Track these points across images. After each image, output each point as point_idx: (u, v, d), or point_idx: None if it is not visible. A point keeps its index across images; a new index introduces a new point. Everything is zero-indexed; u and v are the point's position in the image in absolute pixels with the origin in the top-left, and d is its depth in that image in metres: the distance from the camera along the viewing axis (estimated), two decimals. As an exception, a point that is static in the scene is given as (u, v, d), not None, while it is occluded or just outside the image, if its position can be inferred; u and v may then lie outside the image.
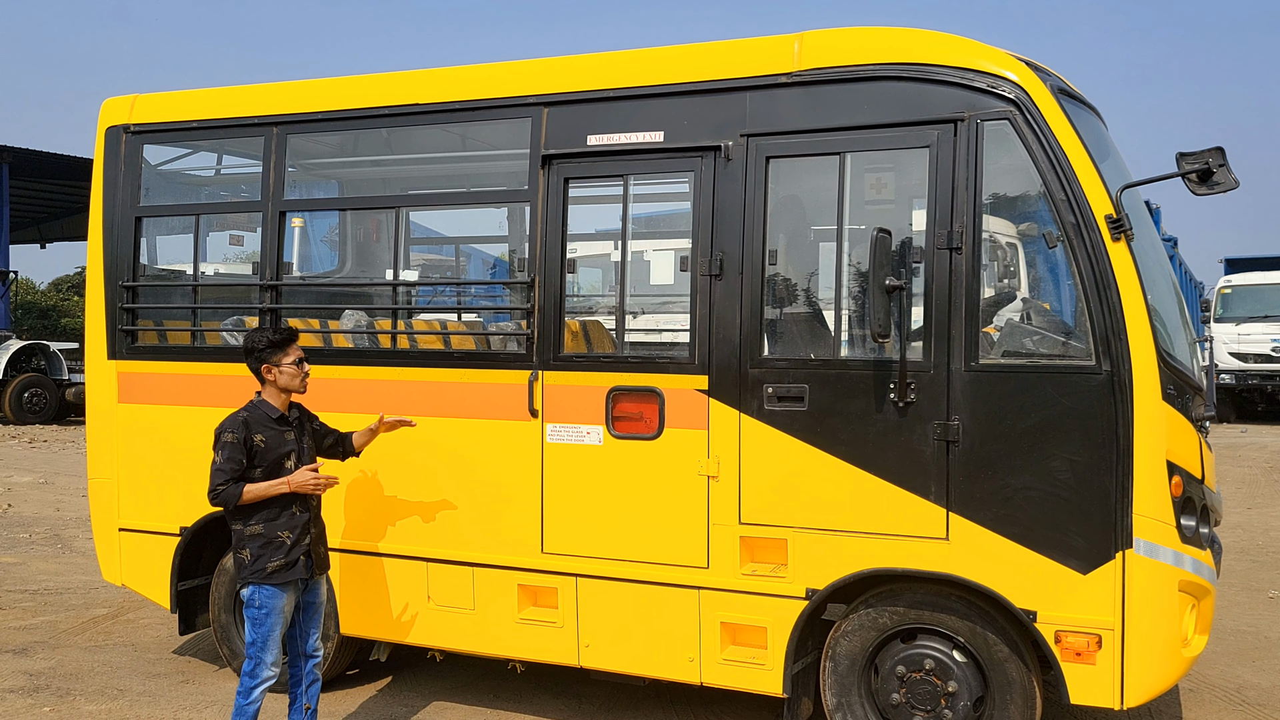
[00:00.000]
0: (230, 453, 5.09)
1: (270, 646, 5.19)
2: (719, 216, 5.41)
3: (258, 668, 5.19)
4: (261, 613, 5.17)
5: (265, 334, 5.27)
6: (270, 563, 5.15)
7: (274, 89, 6.61)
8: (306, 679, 5.48)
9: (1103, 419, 4.73)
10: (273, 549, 5.15)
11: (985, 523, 4.92)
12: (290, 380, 5.28)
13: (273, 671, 5.22)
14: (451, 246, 9.58)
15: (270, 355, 5.23)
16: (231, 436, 5.11)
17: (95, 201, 6.93)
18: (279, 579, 5.16)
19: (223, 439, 5.13)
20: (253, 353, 5.25)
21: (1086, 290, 4.76)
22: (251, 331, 5.35)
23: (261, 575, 5.14)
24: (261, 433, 5.18)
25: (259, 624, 5.18)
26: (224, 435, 5.14)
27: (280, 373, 5.24)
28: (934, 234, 4.99)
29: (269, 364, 5.23)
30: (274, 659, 5.21)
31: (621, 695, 6.53)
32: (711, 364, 5.41)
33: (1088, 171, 4.80)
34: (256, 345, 5.24)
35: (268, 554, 5.15)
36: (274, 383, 5.26)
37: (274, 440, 5.21)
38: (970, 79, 4.98)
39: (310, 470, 5.20)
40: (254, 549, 5.15)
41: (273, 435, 5.21)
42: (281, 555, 5.16)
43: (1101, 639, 4.78)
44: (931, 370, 4.99)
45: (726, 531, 5.41)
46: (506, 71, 6.00)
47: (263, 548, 5.15)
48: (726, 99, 5.44)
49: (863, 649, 5.30)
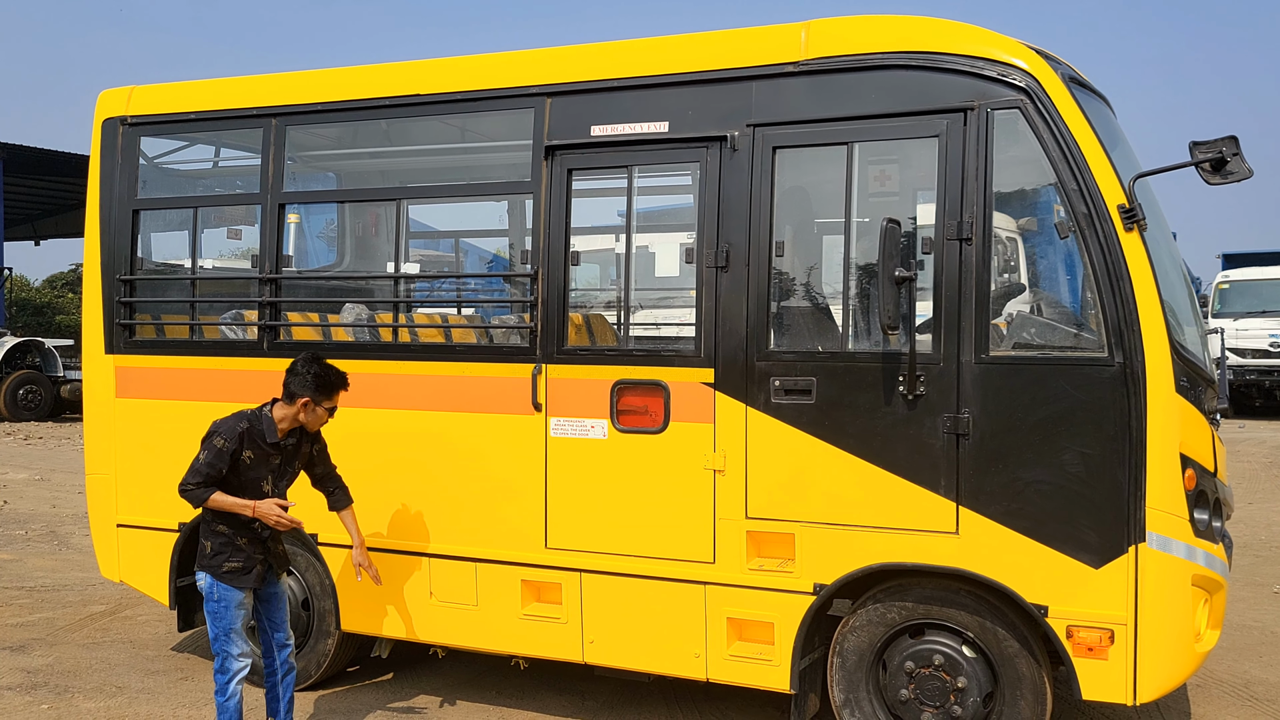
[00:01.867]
0: (214, 458, 5.08)
1: (234, 639, 5.22)
2: (725, 208, 5.35)
3: (226, 661, 5.23)
4: (220, 606, 5.20)
5: (318, 370, 5.21)
6: (228, 563, 5.20)
7: (273, 80, 6.54)
8: (281, 669, 5.52)
9: (1115, 411, 4.67)
10: (231, 550, 5.20)
11: (996, 517, 4.87)
12: (313, 421, 5.29)
13: (242, 662, 5.26)
14: (448, 242, 9.52)
15: (314, 394, 5.19)
16: (222, 443, 5.10)
17: (92, 194, 6.86)
18: (231, 580, 5.20)
19: (213, 441, 5.11)
20: (298, 376, 5.20)
21: (1099, 281, 4.70)
22: (309, 359, 5.26)
23: (216, 571, 5.19)
24: (252, 450, 5.17)
25: (218, 618, 5.21)
26: (215, 438, 5.12)
27: (309, 411, 5.24)
28: (943, 225, 4.93)
29: (307, 398, 5.20)
30: (240, 650, 5.25)
31: (625, 692, 6.47)
32: (717, 357, 5.35)
33: (1100, 161, 4.74)
34: (304, 374, 5.19)
35: (227, 553, 5.20)
36: (297, 414, 5.24)
37: (260, 460, 5.21)
38: (980, 67, 4.92)
39: (278, 504, 5.18)
40: (215, 544, 5.21)
41: (261, 455, 5.22)
42: (240, 559, 5.21)
43: (1114, 634, 4.72)
44: (941, 363, 4.93)
45: (733, 526, 5.35)
46: (509, 61, 5.93)
47: (224, 546, 5.20)
48: (732, 89, 5.37)
49: (871, 644, 5.25)
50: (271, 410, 5.25)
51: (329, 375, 5.23)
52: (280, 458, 5.29)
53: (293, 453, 5.37)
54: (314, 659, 6.43)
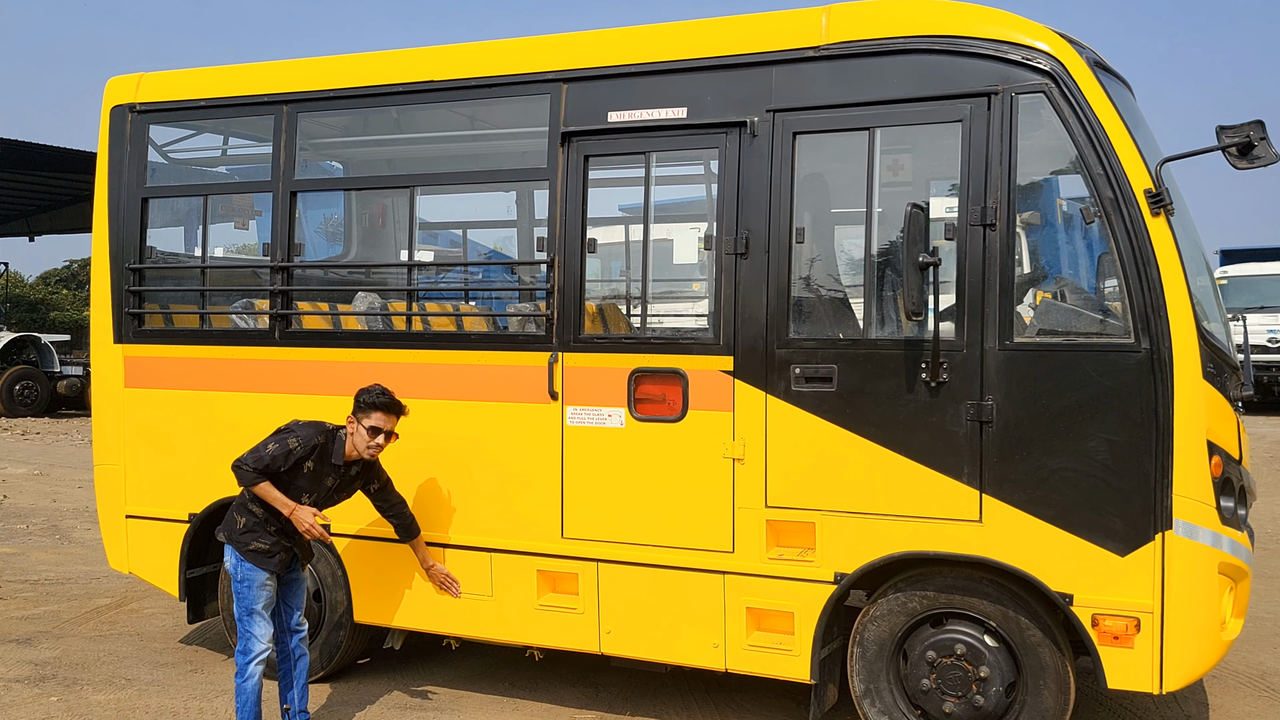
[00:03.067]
0: (281, 455, 5.18)
1: (256, 619, 5.26)
2: (744, 194, 5.30)
3: (248, 641, 5.26)
4: (243, 585, 5.26)
5: (380, 391, 5.33)
6: (255, 542, 5.26)
7: (284, 66, 6.48)
8: (295, 654, 5.53)
9: (1142, 398, 4.63)
10: (260, 533, 5.27)
11: (1020, 504, 4.83)
12: (357, 441, 5.34)
13: (265, 645, 5.28)
14: (446, 238, 9.44)
15: (359, 410, 5.30)
16: (296, 445, 5.20)
17: (100, 182, 6.78)
18: (255, 560, 5.26)
19: (287, 441, 5.21)
20: (364, 397, 5.34)
21: (1125, 267, 4.66)
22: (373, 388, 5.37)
23: (243, 548, 5.26)
24: (315, 463, 5.27)
25: (242, 596, 5.28)
26: (290, 440, 5.21)
27: (356, 430, 5.32)
28: (967, 210, 4.89)
29: (354, 416, 5.31)
30: (263, 633, 5.28)
31: (639, 683, 6.42)
32: (737, 345, 5.30)
33: (1126, 145, 4.70)
34: (371, 392, 5.33)
35: (256, 534, 5.27)
36: (350, 434, 5.33)
37: (316, 476, 5.31)
38: (1004, 51, 4.87)
39: (314, 515, 5.24)
40: (248, 521, 5.28)
41: (319, 472, 5.31)
42: (266, 542, 5.27)
43: (1140, 622, 4.69)
44: (965, 349, 4.89)
45: (752, 515, 5.30)
46: (524, 47, 5.88)
47: (254, 526, 5.27)
48: (752, 74, 5.33)
49: (891, 634, 5.21)
50: (347, 437, 5.36)
51: (390, 398, 5.33)
52: (335, 481, 5.39)
53: (348, 481, 5.48)
54: (325, 651, 6.37)
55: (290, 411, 6.18)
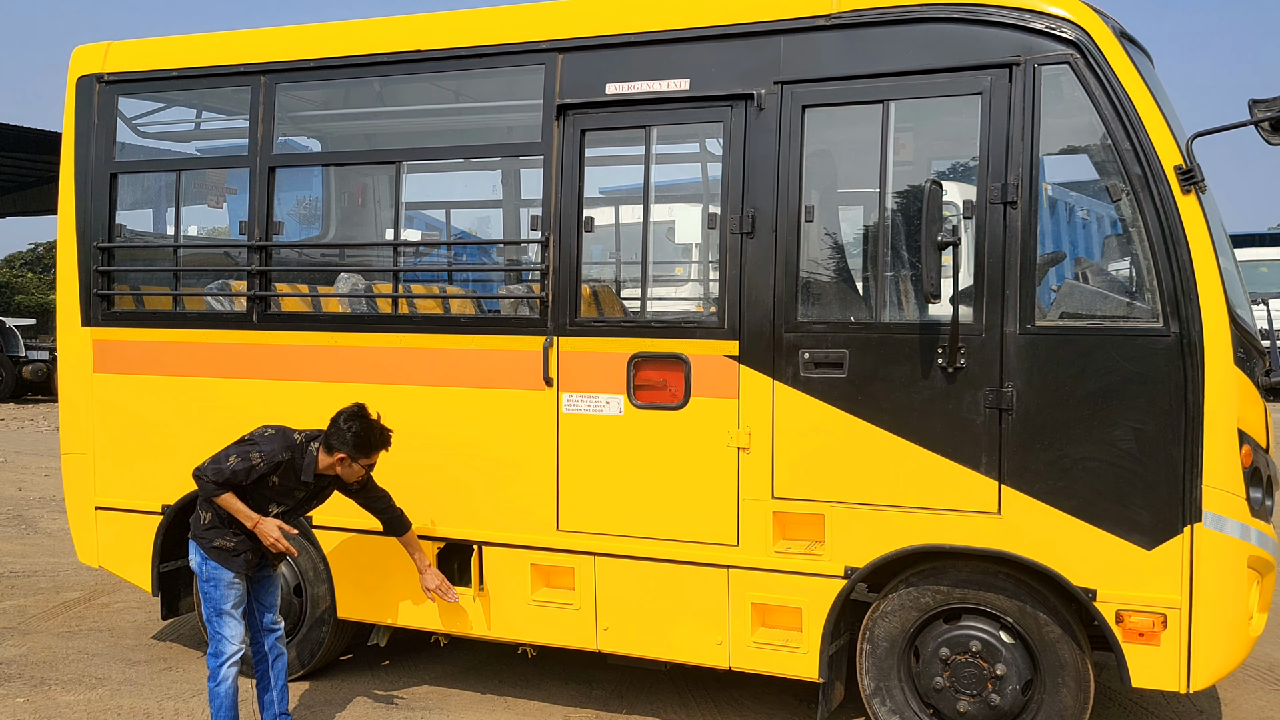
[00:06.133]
0: (243, 469, 4.91)
1: (225, 620, 5.06)
2: (750, 170, 5.05)
3: (219, 644, 5.07)
4: (209, 585, 5.06)
5: (359, 429, 4.98)
6: (219, 539, 5.04)
7: (262, 34, 6.17)
8: (271, 654, 5.31)
9: (1170, 384, 4.43)
10: (224, 531, 5.05)
11: (1040, 496, 4.62)
12: (349, 475, 5.10)
13: (237, 646, 5.07)
14: (420, 221, 9.14)
15: (352, 451, 4.98)
16: (259, 461, 4.92)
17: (66, 157, 6.44)
18: (219, 559, 5.04)
19: (250, 457, 4.92)
20: (338, 431, 4.98)
21: (1154, 247, 4.45)
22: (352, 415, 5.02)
23: (207, 545, 5.05)
24: (281, 478, 5.01)
25: (209, 596, 5.07)
26: (253, 454, 4.93)
27: (345, 466, 5.04)
28: (986, 187, 4.66)
29: (343, 455, 4.99)
30: (233, 633, 5.07)
31: (634, 680, 6.19)
32: (742, 329, 5.06)
33: (1155, 119, 4.49)
34: (345, 430, 4.97)
35: (220, 530, 5.05)
36: (334, 465, 5.04)
37: (283, 489, 5.07)
38: (1026, 20, 4.64)
39: (279, 528, 5.00)
40: (212, 518, 5.07)
41: (286, 485, 5.06)
42: (231, 541, 5.05)
43: (1166, 618, 4.50)
44: (983, 333, 4.67)
45: (758, 506, 5.08)
46: (518, 15, 5.59)
47: (219, 523, 5.06)
48: (759, 44, 5.07)
49: (903, 630, 5.00)
50: (317, 451, 5.03)
51: (369, 435, 5.00)
52: (304, 493, 5.14)
53: (318, 492, 5.23)
54: (306, 647, 6.10)
55: (269, 397, 5.93)
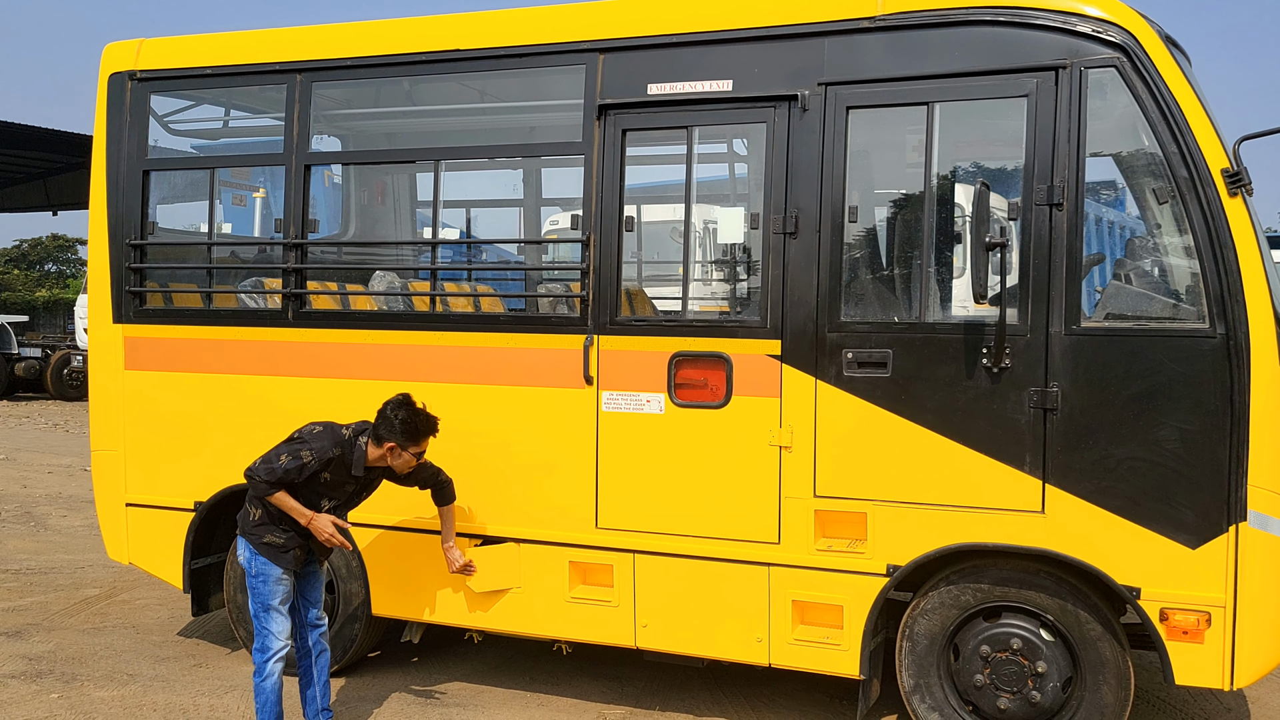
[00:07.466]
0: (295, 468, 4.91)
1: (273, 615, 5.06)
2: (794, 171, 5.08)
3: (265, 639, 5.07)
4: (258, 580, 5.06)
5: (406, 416, 4.98)
6: (269, 535, 5.05)
7: (297, 33, 6.17)
8: (314, 649, 5.33)
9: (1216, 385, 4.48)
10: (274, 527, 5.06)
11: (1085, 495, 4.66)
12: (400, 465, 5.10)
13: (284, 642, 5.09)
14: (443, 221, 9.11)
15: (401, 440, 4.98)
16: (310, 459, 4.92)
17: (98, 155, 6.43)
18: (269, 554, 5.05)
19: (301, 454, 4.92)
20: (385, 421, 5.00)
21: (1201, 249, 4.50)
22: (398, 404, 5.02)
23: (256, 541, 5.05)
24: (332, 473, 5.01)
25: (257, 592, 5.08)
26: (304, 452, 4.93)
27: (395, 455, 5.04)
28: (1032, 189, 4.70)
29: (393, 444, 4.99)
30: (281, 629, 5.08)
31: (666, 677, 6.22)
32: (785, 328, 5.09)
33: (1202, 123, 4.53)
34: (392, 419, 4.98)
35: (269, 528, 5.05)
36: (383, 455, 5.04)
37: (335, 484, 5.08)
38: (1073, 23, 4.68)
39: (334, 523, 5.02)
40: (262, 514, 5.07)
41: (338, 480, 5.07)
42: (281, 537, 5.06)
43: (1211, 617, 4.54)
44: (1029, 334, 4.71)
45: (800, 505, 5.11)
46: (559, 15, 5.61)
47: (269, 519, 5.05)
48: (802, 45, 5.10)
49: (943, 628, 5.04)
50: (366, 444, 5.04)
51: (417, 422, 5.00)
52: (355, 486, 5.15)
53: (368, 484, 5.25)
54: (339, 644, 6.10)
55: (304, 394, 5.93)
